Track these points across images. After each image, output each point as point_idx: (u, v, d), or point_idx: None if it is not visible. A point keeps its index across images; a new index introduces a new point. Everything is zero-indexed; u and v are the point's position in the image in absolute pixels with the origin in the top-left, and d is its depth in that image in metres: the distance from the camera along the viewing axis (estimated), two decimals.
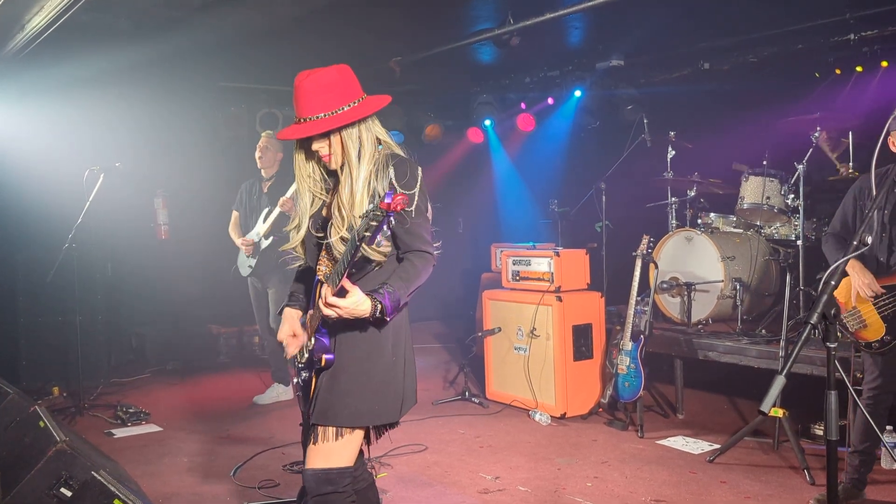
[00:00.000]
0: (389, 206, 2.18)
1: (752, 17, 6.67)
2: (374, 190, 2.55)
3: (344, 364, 2.61)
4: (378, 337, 2.63)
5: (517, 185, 9.95)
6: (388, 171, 2.55)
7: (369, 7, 6.04)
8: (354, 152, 2.58)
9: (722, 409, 6.14)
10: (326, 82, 2.55)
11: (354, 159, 2.58)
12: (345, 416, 2.60)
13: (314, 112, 2.53)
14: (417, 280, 2.58)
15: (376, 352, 2.64)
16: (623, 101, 8.10)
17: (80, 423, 6.13)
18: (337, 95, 2.54)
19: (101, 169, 6.25)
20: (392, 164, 2.57)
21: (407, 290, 2.54)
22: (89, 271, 7.26)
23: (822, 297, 1.99)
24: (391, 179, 2.54)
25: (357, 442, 2.67)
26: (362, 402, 2.61)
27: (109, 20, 6.00)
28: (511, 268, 6.39)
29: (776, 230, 6.23)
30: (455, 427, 5.78)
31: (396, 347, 2.69)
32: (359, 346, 2.62)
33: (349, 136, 2.58)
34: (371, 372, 2.62)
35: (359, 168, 2.57)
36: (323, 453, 2.60)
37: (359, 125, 2.60)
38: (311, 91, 2.55)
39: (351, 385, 2.60)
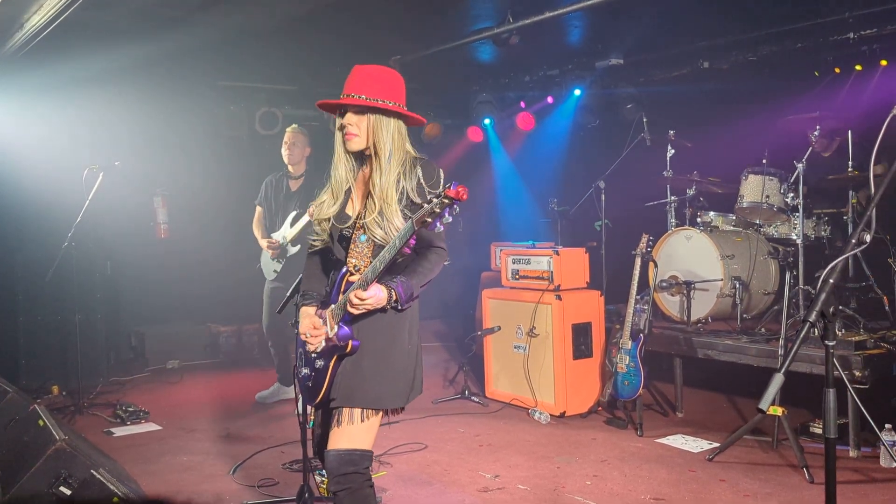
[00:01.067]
0: (457, 193, 2.36)
1: (752, 16, 6.67)
2: (402, 188, 2.72)
3: (367, 350, 2.74)
4: (398, 325, 2.79)
5: (517, 183, 9.94)
6: (416, 171, 2.74)
7: (368, 6, 6.03)
8: (385, 142, 2.74)
9: (721, 408, 6.15)
10: (378, 75, 2.77)
11: (384, 149, 2.74)
12: (371, 399, 2.73)
13: (359, 92, 2.73)
14: (431, 274, 2.78)
15: (396, 339, 2.79)
16: (622, 99, 8.09)
17: (79, 421, 6.13)
18: (384, 89, 2.74)
19: (100, 168, 6.24)
20: (419, 164, 2.76)
21: (420, 282, 2.73)
22: (89, 270, 7.25)
23: (821, 296, 1.99)
24: (419, 178, 2.72)
25: (377, 425, 2.78)
26: (384, 386, 2.75)
27: (108, 19, 5.99)
28: (510, 266, 6.40)
29: (776, 229, 6.23)
30: (454, 426, 5.78)
31: (412, 336, 2.85)
32: (381, 334, 2.77)
33: (381, 124, 2.74)
34: (392, 358, 2.77)
35: (389, 162, 2.74)
36: (347, 435, 2.71)
37: (394, 121, 2.77)
38: (362, 75, 2.76)
39: (374, 370, 2.74)
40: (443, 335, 9.45)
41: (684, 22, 6.79)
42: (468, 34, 6.86)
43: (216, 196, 8.59)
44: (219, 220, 8.68)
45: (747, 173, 6.19)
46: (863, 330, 5.34)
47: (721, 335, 5.81)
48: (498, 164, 10.09)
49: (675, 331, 6.05)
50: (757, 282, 6.15)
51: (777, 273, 6.28)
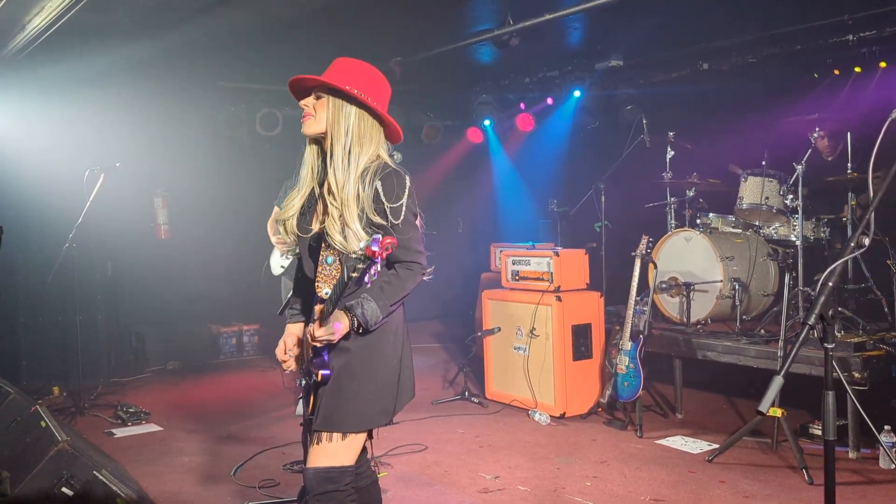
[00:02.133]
0: (375, 253, 2.23)
1: (751, 18, 6.68)
2: (359, 193, 2.55)
3: (348, 372, 2.62)
4: (380, 343, 2.66)
5: (516, 184, 9.96)
6: (375, 181, 2.55)
7: (369, 8, 6.05)
8: (341, 129, 2.58)
9: (721, 409, 6.17)
10: (358, 68, 2.63)
11: (340, 137, 2.58)
12: (350, 422, 2.62)
13: (328, 78, 2.60)
14: (402, 291, 2.60)
15: (379, 358, 2.66)
16: (622, 101, 8.11)
17: (80, 422, 6.14)
18: (358, 81, 2.59)
19: (101, 169, 6.24)
20: (380, 176, 2.56)
21: (388, 302, 2.55)
22: (89, 271, 7.27)
23: (820, 298, 2.00)
24: (377, 190, 2.53)
25: (360, 443, 2.70)
26: (367, 405, 2.63)
27: (110, 20, 6.00)
28: (510, 267, 6.41)
29: (775, 230, 6.24)
30: (454, 427, 5.80)
31: (395, 349, 2.71)
32: (362, 355, 2.63)
33: (340, 110, 2.59)
34: (375, 377, 2.65)
35: (347, 156, 2.57)
36: (326, 453, 2.61)
37: (356, 110, 2.60)
38: (340, 65, 2.65)
39: (354, 392, 2.62)
40: (442, 336, 9.46)
41: (684, 24, 6.81)
42: (468, 36, 6.88)
43: (216, 197, 8.60)
44: (219, 221, 8.69)
45: (746, 175, 6.21)
46: (862, 332, 5.36)
47: (720, 336, 5.83)
48: (498, 165, 10.12)
49: (674, 332, 6.06)
50: (756, 283, 6.17)
51: (776, 275, 6.30)
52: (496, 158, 10.07)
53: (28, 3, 5.41)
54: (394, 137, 2.73)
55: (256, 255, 6.64)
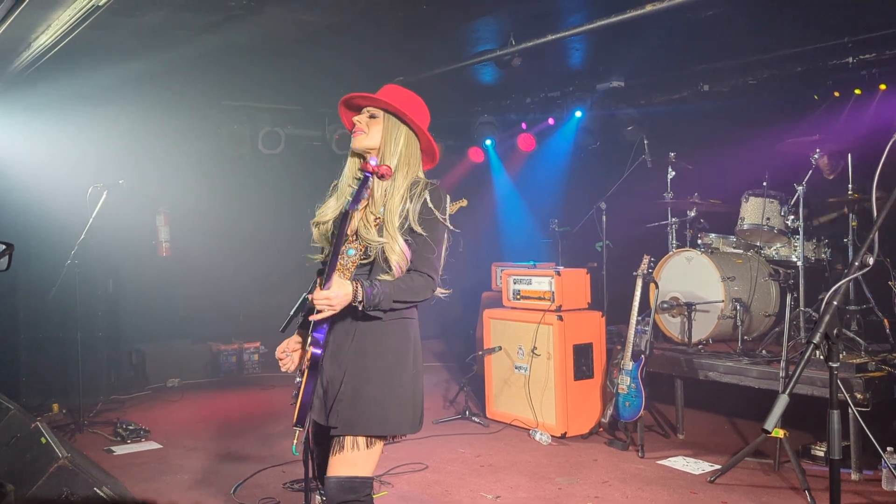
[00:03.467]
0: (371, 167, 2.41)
1: (752, 40, 6.73)
2: (406, 209, 2.65)
3: (369, 375, 2.64)
4: (402, 349, 2.70)
5: (518, 204, 9.98)
6: (424, 194, 2.67)
7: (371, 28, 6.09)
8: (392, 148, 2.72)
9: (723, 430, 6.15)
10: (409, 95, 2.79)
11: (391, 154, 2.71)
12: (374, 425, 2.63)
13: (381, 96, 2.74)
14: (410, 293, 2.64)
15: (401, 363, 2.69)
16: (623, 121, 8.15)
17: (79, 439, 6.11)
18: (410, 106, 2.75)
19: (104, 186, 6.27)
20: (429, 189, 2.69)
21: (393, 295, 2.59)
22: (91, 288, 7.26)
23: (825, 317, 2.01)
24: (426, 201, 2.66)
25: (379, 451, 2.70)
26: (389, 411, 2.65)
27: (115, 39, 6.05)
28: (512, 287, 6.41)
29: (776, 251, 6.26)
30: (455, 446, 5.78)
31: (416, 360, 2.75)
32: (385, 357, 2.67)
33: (392, 129, 2.74)
34: (397, 382, 2.67)
35: (394, 172, 2.69)
36: (348, 462, 2.62)
37: (406, 131, 2.75)
38: (393, 90, 2.80)
39: (378, 395, 2.64)
40: (443, 355, 9.44)
41: (685, 45, 6.86)
42: (471, 56, 6.93)
43: (219, 215, 8.62)
44: (221, 239, 8.71)
45: (748, 195, 6.24)
46: (864, 352, 5.36)
47: (722, 357, 5.82)
48: (499, 184, 10.14)
49: (676, 352, 6.05)
50: (758, 304, 6.17)
51: (778, 295, 6.30)
52: (497, 178, 10.10)
53: (34, 21, 5.45)
54: (428, 164, 2.87)
55: (258, 273, 6.66)
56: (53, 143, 7.35)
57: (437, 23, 6.10)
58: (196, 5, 5.32)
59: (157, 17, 5.56)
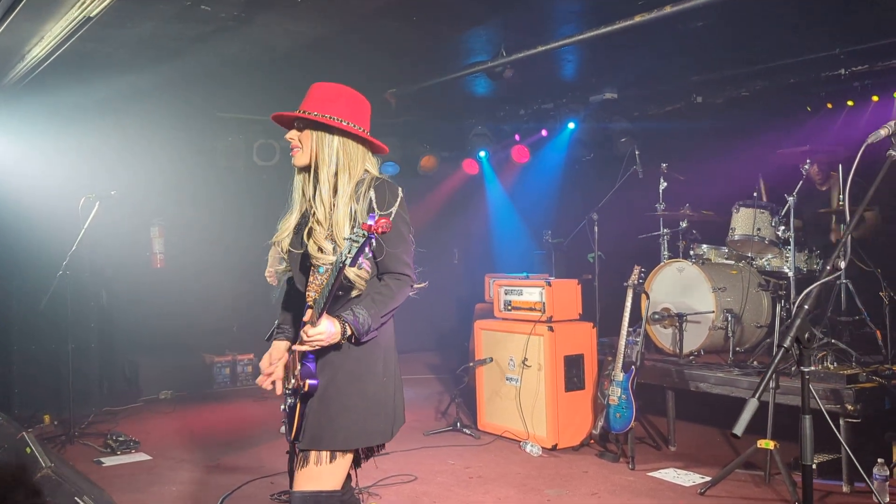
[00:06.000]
0: (371, 227, 2.22)
1: (745, 52, 6.75)
2: (353, 211, 2.58)
3: (336, 387, 2.60)
4: (370, 358, 2.64)
5: (511, 215, 10.00)
6: (369, 194, 2.59)
7: (363, 40, 6.12)
8: (327, 160, 2.62)
9: (714, 441, 6.11)
10: (336, 94, 2.66)
11: (324, 166, 2.62)
12: (339, 440, 2.59)
13: (307, 108, 2.63)
14: (392, 302, 2.60)
15: (368, 373, 2.64)
16: (616, 133, 8.16)
17: (69, 451, 6.09)
18: (337, 107, 2.63)
19: (96, 196, 6.26)
20: (373, 186, 2.61)
21: (378, 312, 2.56)
22: (83, 299, 7.25)
23: (796, 321, 2.00)
24: (371, 200, 2.58)
25: (347, 465, 2.65)
26: (355, 423, 2.60)
27: (107, 50, 6.08)
28: (503, 297, 6.40)
29: (768, 261, 6.24)
30: (445, 457, 5.75)
31: (387, 367, 2.69)
32: (351, 368, 2.61)
33: (323, 141, 2.63)
34: (363, 393, 2.62)
35: (334, 182, 2.62)
36: (313, 476, 2.58)
37: (339, 138, 2.64)
38: (318, 92, 2.67)
39: (342, 408, 2.59)
40: (437, 367, 9.42)
41: (678, 57, 6.88)
42: (463, 67, 6.95)
43: (213, 227, 8.62)
44: (215, 251, 8.70)
45: (738, 206, 6.23)
46: (855, 363, 5.32)
47: (713, 368, 5.79)
48: (493, 196, 10.16)
49: (667, 363, 6.03)
50: (749, 314, 6.15)
51: (770, 306, 6.28)
52: (491, 189, 10.12)
53: (27, 33, 5.48)
54: (378, 150, 2.77)
55: (251, 285, 6.64)
56: (47, 154, 7.35)
57: (427, 34, 6.12)
58: (186, 16, 5.34)
59: (147, 29, 5.59)
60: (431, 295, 2.73)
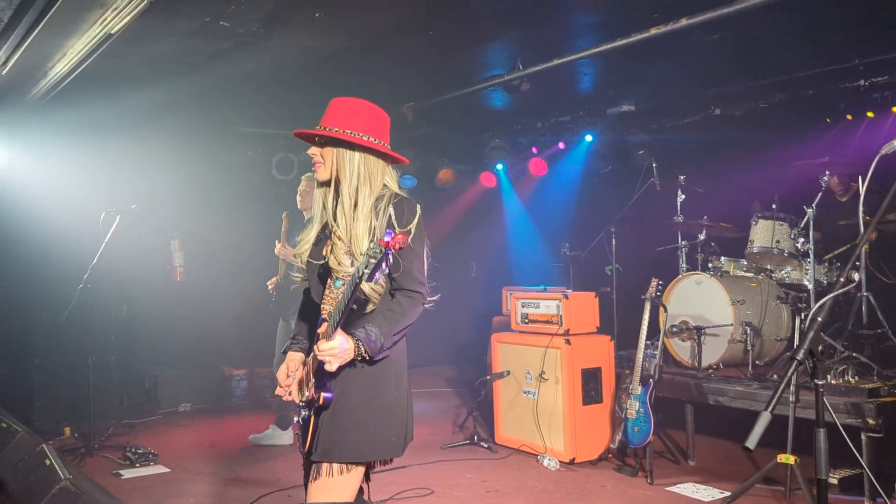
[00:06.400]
0: (388, 244, 2.24)
1: (763, 64, 6.72)
2: (372, 226, 2.61)
3: (347, 400, 2.62)
4: (382, 373, 2.66)
5: (529, 228, 9.99)
6: (388, 210, 2.62)
7: (380, 54, 6.16)
8: (347, 175, 2.65)
9: (733, 456, 6.04)
10: (356, 108, 2.69)
11: (346, 182, 2.65)
12: (349, 452, 2.60)
13: (328, 124, 2.66)
14: (404, 320, 2.61)
15: (378, 387, 2.65)
16: (634, 145, 8.14)
17: (89, 463, 6.14)
18: (356, 122, 2.65)
19: (117, 211, 6.34)
20: (392, 203, 2.64)
21: (391, 330, 2.57)
22: (104, 312, 7.33)
23: (809, 333, 1.98)
24: (391, 216, 2.61)
25: (359, 477, 2.67)
26: (366, 437, 2.61)
27: (128, 66, 6.17)
28: (520, 310, 6.39)
29: (787, 274, 6.18)
30: (462, 471, 5.73)
31: (399, 382, 2.71)
32: (363, 382, 2.63)
33: (344, 157, 2.66)
34: (375, 407, 2.64)
35: (355, 196, 2.65)
36: (326, 488, 2.60)
37: (360, 154, 2.67)
38: (337, 107, 2.70)
39: (354, 421, 2.61)
40: (455, 381, 9.40)
41: (695, 69, 6.87)
42: (480, 81, 6.97)
43: (232, 240, 8.68)
44: (234, 264, 8.76)
45: (757, 218, 6.18)
46: (877, 377, 5.26)
47: (732, 381, 5.73)
48: (510, 209, 10.16)
49: (685, 377, 5.98)
50: (769, 327, 6.09)
51: (789, 319, 6.21)
52: (509, 202, 10.13)
53: (50, 49, 5.57)
54: (398, 163, 2.80)
55: (271, 298, 6.69)
56: (69, 169, 7.45)
57: (444, 48, 6.15)
58: (205, 33, 5.41)
59: (167, 45, 5.66)
60: (449, 308, 2.74)
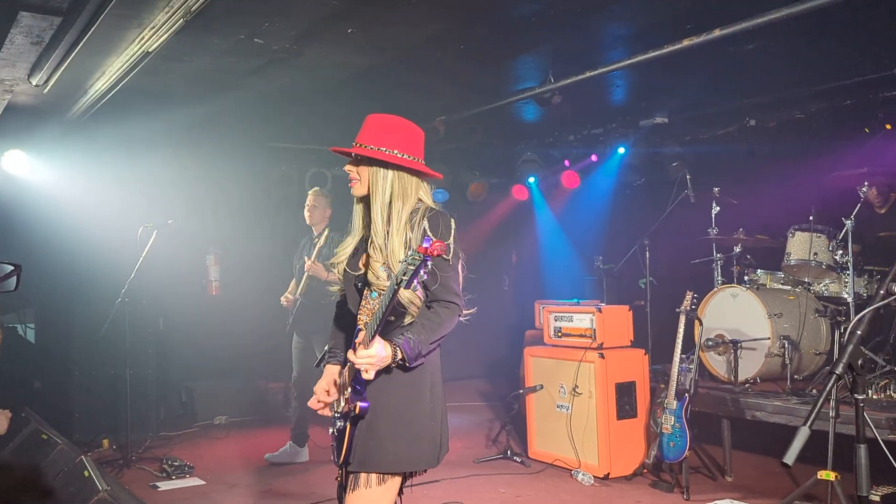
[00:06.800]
0: (427, 250, 2.27)
1: (799, 73, 6.64)
2: (408, 239, 2.64)
3: (383, 410, 2.64)
4: (416, 382, 2.68)
5: (561, 241, 9.95)
6: (423, 223, 2.65)
7: (412, 69, 6.19)
8: (380, 191, 2.69)
9: (772, 472, 5.93)
10: (390, 125, 2.73)
11: (380, 198, 2.69)
12: (386, 462, 2.62)
13: (364, 141, 2.70)
14: (440, 329, 2.62)
15: (415, 398, 2.68)
16: (667, 157, 8.08)
17: (127, 475, 6.21)
18: (392, 139, 2.69)
19: (154, 226, 6.44)
20: (427, 216, 2.67)
21: (428, 338, 2.59)
22: (141, 326, 7.41)
23: (848, 347, 1.95)
24: (425, 230, 2.63)
25: (395, 488, 2.68)
26: (402, 447, 2.63)
27: (165, 83, 6.28)
28: (553, 324, 6.36)
29: (826, 287, 6.08)
30: (495, 486, 5.70)
31: (433, 393, 2.73)
32: (397, 393, 2.66)
33: (378, 175, 2.70)
34: (410, 418, 2.66)
35: (388, 212, 2.68)
36: (363, 499, 2.62)
37: (394, 172, 2.70)
38: (373, 124, 2.74)
39: (390, 431, 2.63)
40: (488, 395, 9.36)
41: (730, 80, 6.80)
42: (511, 94, 6.97)
43: (267, 254, 8.75)
44: (269, 278, 8.80)
45: (794, 230, 6.10)
46: None
47: (770, 396, 5.65)
48: (542, 222, 10.14)
49: (721, 391, 5.90)
50: (807, 341, 5.98)
51: (828, 332, 6.10)
52: (541, 215, 10.10)
53: (90, 68, 5.69)
54: (433, 178, 2.83)
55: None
56: (108, 184, 7.57)
57: (475, 62, 6.16)
58: (240, 50, 5.49)
59: (203, 62, 5.75)
60: (481, 322, 2.75)
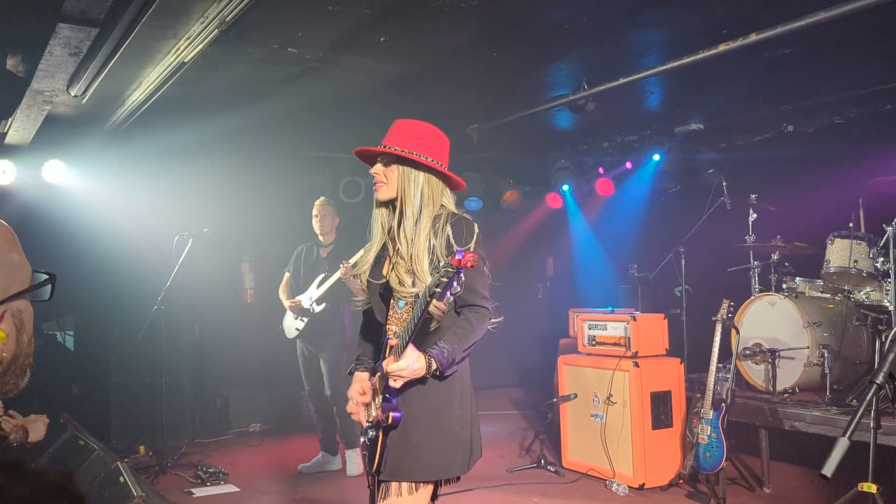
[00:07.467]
0: (460, 262, 2.27)
1: (838, 78, 6.52)
2: (432, 246, 2.64)
3: (415, 419, 2.64)
4: (447, 391, 2.68)
5: (596, 249, 9.88)
6: (446, 229, 2.65)
7: (443, 76, 6.20)
8: (412, 195, 2.68)
9: (811, 484, 5.81)
10: (419, 130, 2.73)
11: (411, 202, 2.68)
12: (419, 471, 2.63)
13: (392, 143, 2.70)
14: (473, 336, 2.63)
15: (446, 405, 2.68)
16: (703, 164, 7.98)
17: (162, 481, 6.28)
18: (420, 144, 2.69)
19: (189, 234, 6.52)
20: (450, 222, 2.67)
21: (461, 346, 2.59)
22: (177, 333, 7.50)
23: (889, 357, 1.90)
24: (449, 236, 2.63)
25: (427, 496, 2.68)
26: (434, 455, 2.64)
27: (201, 93, 6.35)
28: (587, 332, 6.30)
29: (867, 295, 5.95)
30: (529, 495, 5.66)
31: (463, 400, 2.73)
32: (428, 401, 2.66)
33: (409, 176, 2.69)
34: (441, 425, 2.66)
35: (417, 216, 2.68)
36: None
37: (424, 174, 2.70)
38: (401, 128, 2.74)
39: (422, 439, 2.63)
40: (521, 403, 9.31)
41: (766, 85, 6.70)
42: (544, 101, 6.93)
43: None
44: None
45: (833, 237, 5.99)
46: None
47: (809, 406, 5.53)
48: (577, 229, 10.07)
49: (759, 401, 5.79)
50: (848, 350, 5.85)
51: (869, 341, 5.96)
52: (575, 223, 10.04)
53: (128, 78, 5.78)
54: (457, 186, 2.83)
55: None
56: (145, 193, 7.69)
57: (508, 70, 6.15)
58: (274, 59, 5.54)
59: (238, 72, 5.81)
60: (515, 330, 2.77)
